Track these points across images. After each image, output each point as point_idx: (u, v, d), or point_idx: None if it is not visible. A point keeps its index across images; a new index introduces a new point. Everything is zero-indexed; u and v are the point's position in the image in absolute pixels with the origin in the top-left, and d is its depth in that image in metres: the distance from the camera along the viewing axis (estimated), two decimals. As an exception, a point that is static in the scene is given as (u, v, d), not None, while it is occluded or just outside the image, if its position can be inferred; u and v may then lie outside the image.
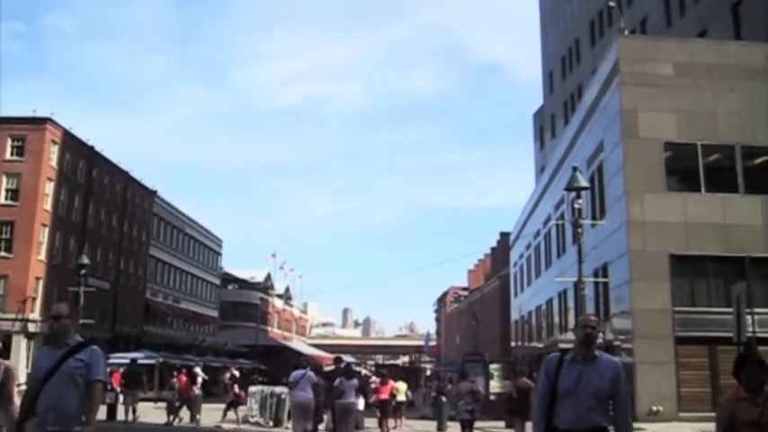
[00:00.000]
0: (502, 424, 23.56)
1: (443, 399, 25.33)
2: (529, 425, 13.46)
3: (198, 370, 26.57)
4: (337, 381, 17.20)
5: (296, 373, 16.92)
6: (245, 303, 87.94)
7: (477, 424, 18.79)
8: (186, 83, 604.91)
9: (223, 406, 25.44)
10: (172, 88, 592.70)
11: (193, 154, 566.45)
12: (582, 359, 5.58)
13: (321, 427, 19.13)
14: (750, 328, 22.42)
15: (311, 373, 16.94)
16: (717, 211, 26.14)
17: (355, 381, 18.07)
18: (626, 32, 35.75)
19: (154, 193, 63.03)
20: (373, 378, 20.37)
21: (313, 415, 16.93)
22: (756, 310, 23.71)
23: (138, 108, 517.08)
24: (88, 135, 54.59)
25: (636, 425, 21.81)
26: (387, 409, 21.40)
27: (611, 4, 41.24)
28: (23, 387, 18.95)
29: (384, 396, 21.46)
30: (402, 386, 24.61)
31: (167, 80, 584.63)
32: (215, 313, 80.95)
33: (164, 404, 26.80)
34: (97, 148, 51.95)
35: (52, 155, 46.13)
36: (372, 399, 24.09)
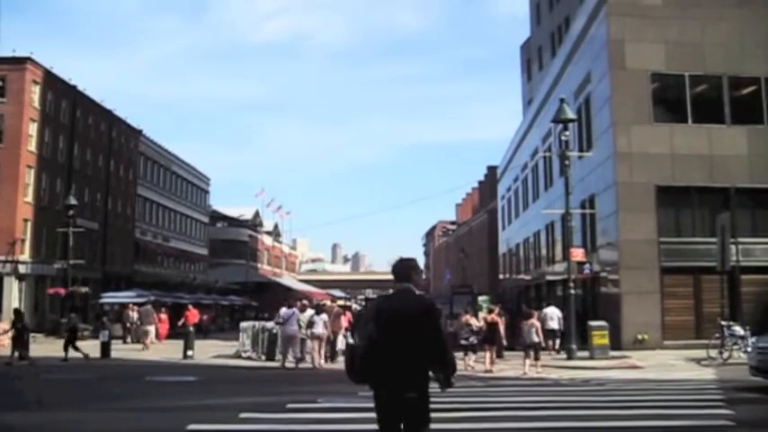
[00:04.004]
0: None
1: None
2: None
3: None
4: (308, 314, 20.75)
5: (285, 312, 20.92)
6: (235, 241, 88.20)
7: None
8: (165, 18, 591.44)
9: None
10: (151, 24, 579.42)
11: (175, 91, 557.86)
12: None
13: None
14: (734, 258, 22.88)
15: (298, 312, 20.74)
16: (703, 141, 26.25)
17: (324, 315, 20.87)
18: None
19: (139, 132, 62.38)
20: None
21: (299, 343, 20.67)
22: (740, 239, 24.19)
23: (118, 45, 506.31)
24: (70, 74, 53.81)
25: (621, 353, 22.38)
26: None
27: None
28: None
29: (344, 325, 22.93)
30: None
31: (146, 15, 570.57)
32: (204, 251, 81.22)
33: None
34: (80, 88, 51.16)
35: (34, 95, 45.35)
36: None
